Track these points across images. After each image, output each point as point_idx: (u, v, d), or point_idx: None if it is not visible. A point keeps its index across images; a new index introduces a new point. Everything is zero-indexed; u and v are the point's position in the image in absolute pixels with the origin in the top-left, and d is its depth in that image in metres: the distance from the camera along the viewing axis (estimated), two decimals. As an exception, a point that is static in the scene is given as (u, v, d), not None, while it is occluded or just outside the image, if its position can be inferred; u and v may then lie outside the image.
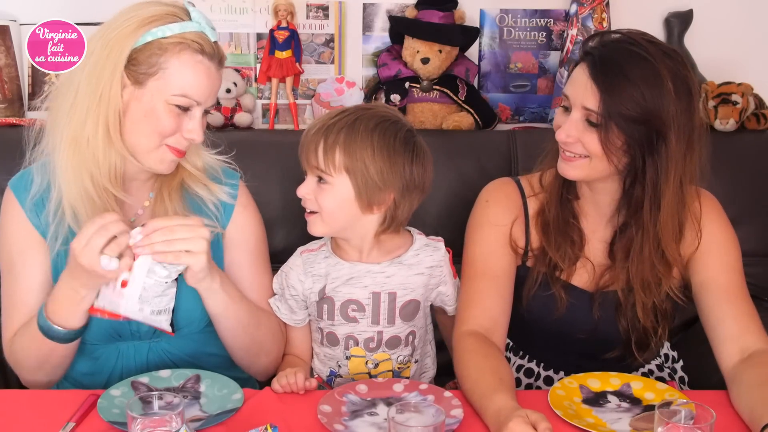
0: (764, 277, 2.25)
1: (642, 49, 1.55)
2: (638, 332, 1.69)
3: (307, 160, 1.60)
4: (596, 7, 2.34)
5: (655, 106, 1.53)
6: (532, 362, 1.82)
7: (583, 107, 1.56)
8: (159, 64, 1.51)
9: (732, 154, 2.26)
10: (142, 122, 1.54)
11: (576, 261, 1.70)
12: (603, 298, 1.70)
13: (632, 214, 1.63)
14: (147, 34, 1.50)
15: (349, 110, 1.61)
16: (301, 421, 1.43)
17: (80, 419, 1.41)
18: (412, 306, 1.67)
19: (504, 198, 1.75)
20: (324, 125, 1.58)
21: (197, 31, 1.53)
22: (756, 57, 2.44)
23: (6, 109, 2.34)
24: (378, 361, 1.67)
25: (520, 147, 2.22)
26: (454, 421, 1.41)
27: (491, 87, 2.48)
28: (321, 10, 2.42)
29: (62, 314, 1.51)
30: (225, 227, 1.69)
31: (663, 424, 1.26)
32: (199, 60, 1.53)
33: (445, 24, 2.33)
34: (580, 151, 1.59)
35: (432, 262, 1.68)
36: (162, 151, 1.57)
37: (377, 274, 1.65)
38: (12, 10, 2.36)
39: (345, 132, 1.56)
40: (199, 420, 1.40)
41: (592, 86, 1.54)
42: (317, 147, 1.57)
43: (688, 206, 1.64)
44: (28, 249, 1.63)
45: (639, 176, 1.59)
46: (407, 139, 1.60)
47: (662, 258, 1.64)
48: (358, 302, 1.65)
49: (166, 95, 1.52)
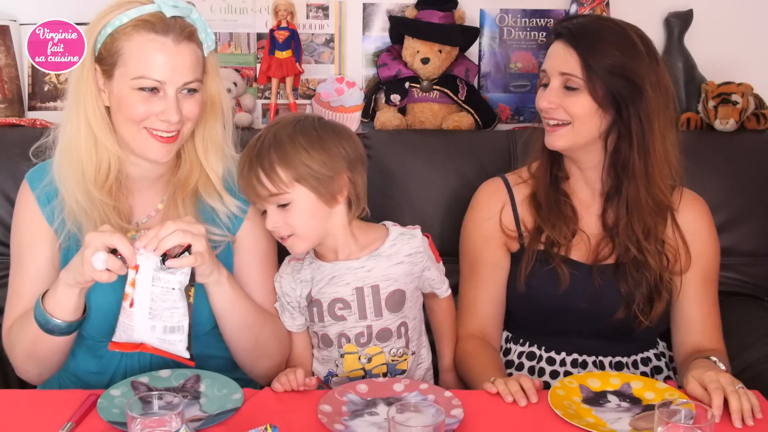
0: (764, 277, 2.25)
1: (609, 21, 1.73)
2: (642, 294, 1.74)
3: (258, 196, 1.60)
4: (596, 7, 2.34)
5: (630, 61, 1.66)
6: (533, 346, 1.85)
7: (561, 73, 1.68)
8: (117, 51, 1.53)
9: (732, 154, 2.27)
10: (119, 113, 1.56)
11: (573, 236, 1.78)
12: (601, 268, 1.76)
13: (622, 171, 1.72)
14: (107, 26, 1.53)
15: (261, 133, 1.62)
16: (301, 421, 1.43)
17: (80, 419, 1.41)
18: (397, 296, 1.67)
19: (487, 195, 1.86)
20: (251, 157, 1.59)
21: (153, 11, 1.53)
22: (756, 57, 2.44)
23: (6, 109, 2.34)
24: (371, 355, 1.68)
25: (520, 147, 2.22)
26: (454, 421, 1.41)
27: (491, 87, 2.48)
28: (321, 10, 2.42)
29: (56, 304, 1.52)
30: (236, 232, 1.70)
31: (663, 424, 1.27)
32: (151, 38, 1.52)
33: (445, 24, 2.34)
34: (562, 117, 1.69)
35: (410, 250, 1.69)
36: (143, 137, 1.57)
37: (358, 270, 1.66)
38: (12, 10, 2.36)
39: (273, 149, 1.57)
40: (199, 420, 1.40)
41: (570, 51, 1.67)
42: (259, 178, 1.57)
43: (671, 165, 1.74)
44: (38, 240, 1.64)
45: (623, 131, 1.69)
46: (322, 125, 1.63)
47: (655, 204, 1.74)
48: (343, 300, 1.66)
49: (128, 80, 1.53)
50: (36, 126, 2.27)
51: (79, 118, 1.57)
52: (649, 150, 1.69)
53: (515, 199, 1.82)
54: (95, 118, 1.56)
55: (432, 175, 2.18)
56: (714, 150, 2.27)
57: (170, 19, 1.53)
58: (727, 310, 1.88)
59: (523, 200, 1.82)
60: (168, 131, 1.57)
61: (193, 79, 1.57)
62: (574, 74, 1.67)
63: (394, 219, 1.77)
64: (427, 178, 2.18)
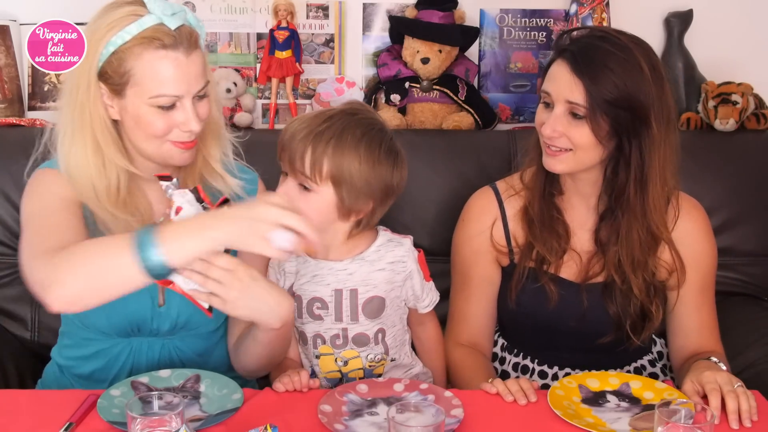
0: (764, 277, 2.25)
1: (614, 39, 1.63)
2: (631, 316, 1.73)
3: (290, 164, 1.56)
4: (596, 7, 2.34)
5: (635, 91, 1.60)
6: (526, 359, 1.85)
7: (567, 101, 1.62)
8: (127, 72, 1.48)
9: (732, 154, 2.27)
10: (136, 129, 1.53)
11: (563, 254, 1.75)
12: (590, 287, 1.75)
13: (616, 199, 1.69)
14: (109, 45, 1.48)
15: (335, 116, 1.58)
16: (301, 421, 1.43)
17: (80, 419, 1.41)
18: (375, 303, 1.65)
19: (478, 210, 1.83)
20: (311, 131, 1.55)
21: (155, 24, 1.48)
22: (756, 57, 2.44)
23: (6, 109, 2.34)
24: (347, 358, 1.67)
25: (520, 147, 2.21)
26: (454, 421, 1.41)
27: (491, 87, 2.48)
28: (321, 10, 2.42)
29: (175, 237, 1.34)
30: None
31: (663, 424, 1.27)
32: (162, 56, 1.48)
33: (445, 24, 2.33)
34: (565, 145, 1.65)
35: (393, 258, 1.66)
36: (167, 148, 1.55)
37: (339, 272, 1.64)
38: (12, 10, 2.36)
39: (333, 143, 1.54)
40: (199, 420, 1.40)
41: (575, 80, 1.61)
42: (304, 154, 1.54)
43: (669, 186, 1.71)
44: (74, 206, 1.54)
45: (622, 162, 1.65)
46: (391, 147, 1.60)
47: (649, 236, 1.70)
48: (321, 300, 1.65)
49: (145, 99, 1.49)
50: (36, 126, 2.26)
51: (86, 140, 1.52)
52: (647, 183, 1.65)
53: (506, 214, 1.79)
54: (104, 137, 1.52)
55: (432, 175, 2.18)
56: (714, 150, 2.27)
57: (175, 31, 1.49)
58: (726, 310, 1.89)
59: (514, 215, 1.78)
60: (189, 139, 1.55)
61: (205, 84, 1.55)
62: (580, 104, 1.61)
63: (394, 219, 1.77)
64: (427, 177, 2.18)
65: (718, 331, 1.79)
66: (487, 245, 1.79)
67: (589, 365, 1.77)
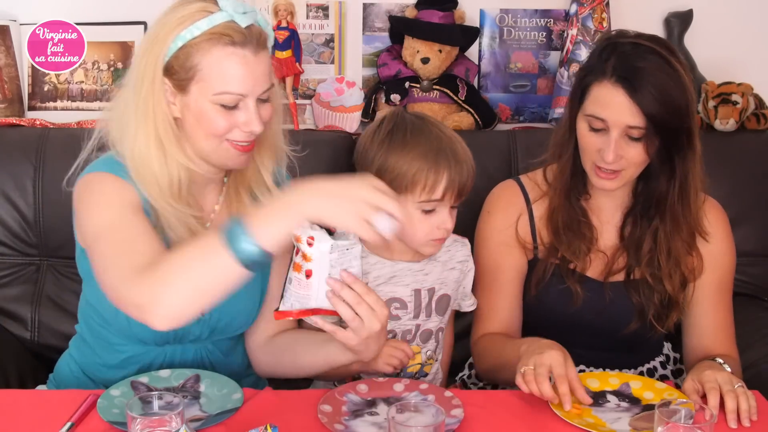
0: (764, 277, 2.25)
1: (656, 53, 1.61)
2: (654, 305, 1.73)
3: (459, 195, 1.60)
4: (596, 7, 2.34)
5: (683, 105, 1.61)
6: None
7: (627, 126, 1.61)
8: (194, 67, 1.46)
9: (732, 154, 2.26)
10: (197, 127, 1.50)
11: (589, 253, 1.75)
12: (613, 284, 1.75)
13: (656, 206, 1.71)
14: (177, 39, 1.46)
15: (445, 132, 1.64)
16: (301, 421, 1.43)
17: (80, 419, 1.41)
18: (444, 300, 1.70)
19: (504, 201, 1.81)
20: (457, 159, 1.59)
21: (225, 21, 1.46)
22: (756, 57, 2.44)
23: (6, 109, 2.33)
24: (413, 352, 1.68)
25: (520, 147, 2.22)
26: (454, 421, 1.41)
27: (491, 87, 2.48)
28: (321, 10, 2.42)
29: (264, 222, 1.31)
30: None
31: (663, 424, 1.27)
32: (230, 52, 1.45)
33: (445, 24, 2.34)
34: (620, 167, 1.64)
35: (462, 257, 1.73)
36: (225, 148, 1.52)
37: (417, 273, 1.68)
38: (12, 10, 2.35)
39: (467, 166, 1.61)
40: (199, 420, 1.40)
41: (632, 106, 1.58)
42: (467, 181, 1.60)
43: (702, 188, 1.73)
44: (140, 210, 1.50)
45: (666, 171, 1.67)
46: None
47: (690, 237, 1.73)
48: (401, 300, 1.67)
49: (209, 96, 1.47)
50: (36, 126, 2.27)
51: (148, 134, 1.50)
52: (689, 189, 1.69)
53: (534, 214, 1.78)
54: (166, 133, 1.50)
55: (432, 175, 2.18)
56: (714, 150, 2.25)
57: (245, 29, 1.46)
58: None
59: (541, 216, 1.78)
60: (248, 140, 1.53)
61: (269, 86, 1.53)
62: (640, 127, 1.60)
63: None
64: (427, 178, 2.17)
65: (733, 335, 1.78)
66: (514, 237, 1.78)
67: (602, 364, 1.78)
